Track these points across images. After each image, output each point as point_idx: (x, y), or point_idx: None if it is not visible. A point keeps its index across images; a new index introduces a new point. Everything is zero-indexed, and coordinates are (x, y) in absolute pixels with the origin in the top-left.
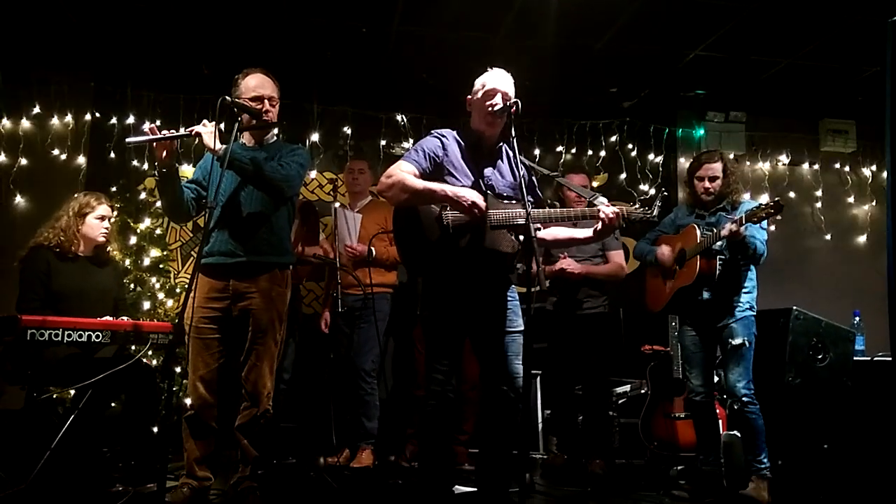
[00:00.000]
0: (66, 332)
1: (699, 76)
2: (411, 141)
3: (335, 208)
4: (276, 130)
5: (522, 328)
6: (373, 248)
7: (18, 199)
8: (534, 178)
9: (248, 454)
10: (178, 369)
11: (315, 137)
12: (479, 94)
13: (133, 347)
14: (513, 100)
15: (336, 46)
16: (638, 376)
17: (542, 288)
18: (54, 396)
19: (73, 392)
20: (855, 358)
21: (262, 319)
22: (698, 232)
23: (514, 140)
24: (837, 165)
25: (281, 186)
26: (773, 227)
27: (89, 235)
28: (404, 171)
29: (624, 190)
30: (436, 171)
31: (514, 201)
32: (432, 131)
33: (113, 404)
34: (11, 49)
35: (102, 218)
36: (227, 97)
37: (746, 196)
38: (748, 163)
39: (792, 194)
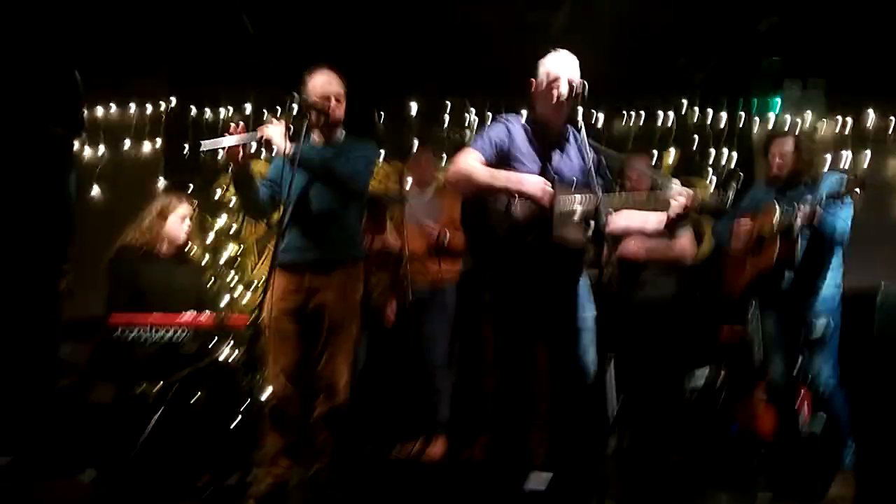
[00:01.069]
0: (152, 329)
1: (774, 43)
2: (476, 126)
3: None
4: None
5: (594, 314)
6: (440, 233)
7: (99, 196)
8: (603, 159)
9: (326, 445)
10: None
11: (380, 127)
12: (543, 83)
13: (215, 342)
14: (578, 83)
15: (397, 35)
16: (716, 361)
17: (612, 284)
18: (141, 390)
19: (159, 385)
20: None
21: (336, 313)
22: (777, 211)
23: (582, 123)
24: None
25: (349, 183)
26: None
27: (171, 235)
28: (470, 161)
29: (697, 165)
30: (502, 158)
31: (584, 186)
32: (497, 117)
33: (197, 395)
34: (91, 46)
35: (183, 218)
36: (296, 96)
37: (827, 166)
38: (829, 127)
39: (878, 159)
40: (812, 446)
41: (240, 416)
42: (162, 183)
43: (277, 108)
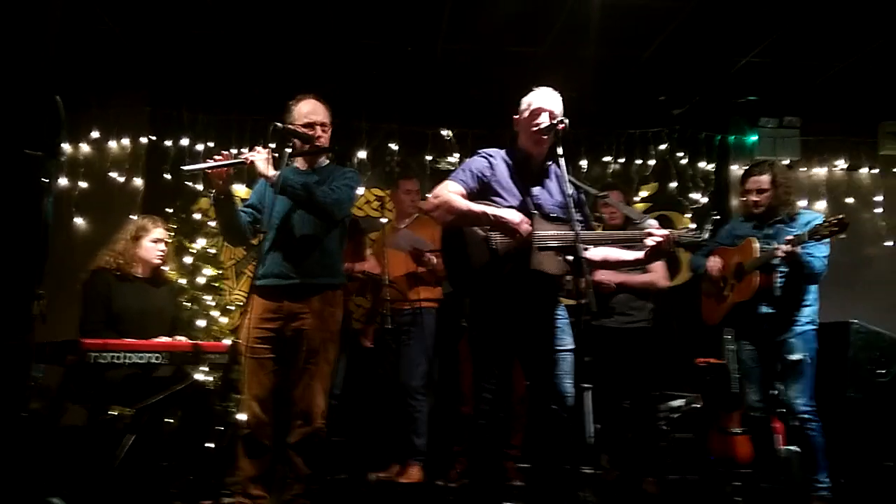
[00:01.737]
0: (126, 355)
1: (751, 82)
2: (458, 156)
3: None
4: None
5: (572, 346)
6: (434, 258)
7: (79, 221)
8: (582, 196)
9: (301, 472)
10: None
11: (363, 154)
12: (526, 114)
13: (189, 367)
14: (560, 118)
15: (383, 65)
16: (692, 391)
17: (592, 310)
18: (114, 413)
19: (132, 410)
20: None
21: (314, 339)
22: (757, 245)
23: (562, 159)
24: None
25: (331, 210)
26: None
27: (145, 258)
28: (451, 192)
29: (674, 199)
30: (483, 190)
31: (562, 221)
32: (479, 151)
33: (170, 421)
34: (70, 74)
35: (157, 241)
36: (280, 123)
37: (803, 204)
38: (803, 169)
39: (850, 200)
40: (787, 475)
41: (213, 443)
42: (142, 206)
43: (262, 134)
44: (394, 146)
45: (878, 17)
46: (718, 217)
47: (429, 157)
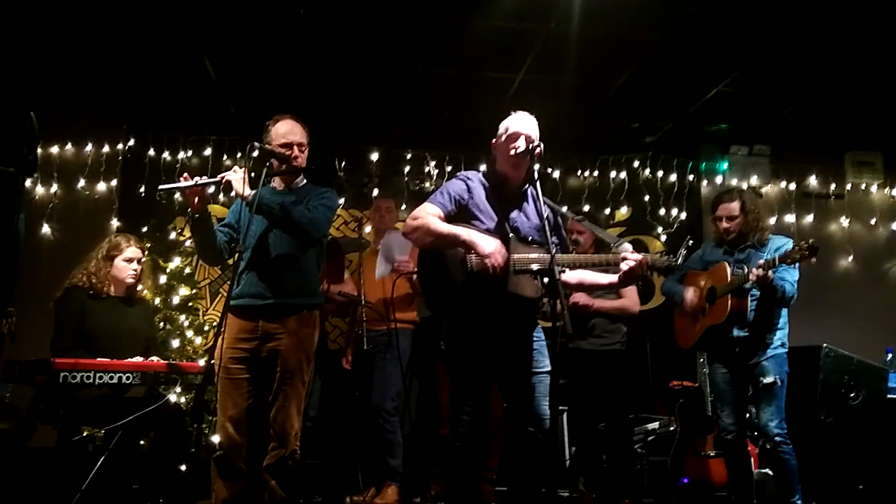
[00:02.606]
0: (98, 374)
1: (722, 111)
2: (435, 178)
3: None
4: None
5: (549, 369)
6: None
7: (51, 237)
8: (559, 219)
9: (275, 495)
10: (207, 409)
11: (340, 175)
12: (503, 138)
13: (163, 387)
14: (536, 142)
15: (362, 87)
16: (667, 413)
17: (568, 331)
18: (85, 434)
19: (104, 431)
20: (889, 395)
21: (290, 360)
22: (729, 270)
23: (539, 183)
24: (865, 196)
25: (308, 230)
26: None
27: (118, 277)
28: (430, 214)
29: (647, 224)
30: (461, 213)
31: (538, 245)
32: (458, 174)
33: (142, 442)
34: (47, 90)
35: (130, 260)
36: (257, 143)
37: (772, 224)
38: (773, 195)
39: (818, 225)
40: (761, 497)
41: (186, 465)
42: (116, 224)
43: (238, 153)
44: (371, 168)
45: (845, 50)
46: (692, 242)
47: (406, 179)
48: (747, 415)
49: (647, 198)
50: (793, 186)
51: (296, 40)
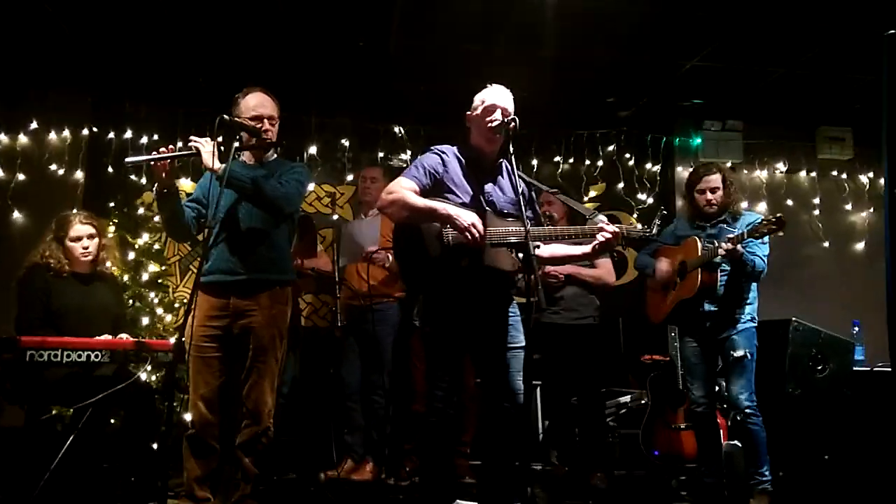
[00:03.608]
0: (66, 353)
1: (696, 86)
2: (410, 153)
3: (347, 224)
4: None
5: (523, 344)
6: (389, 255)
7: (16, 215)
8: (533, 193)
9: (248, 472)
10: (178, 387)
11: (313, 150)
12: (479, 111)
13: (132, 365)
14: (511, 116)
15: (334, 59)
16: (638, 387)
17: (542, 306)
18: (53, 413)
19: (72, 410)
20: (855, 368)
21: (262, 337)
22: (699, 245)
23: (513, 156)
24: (835, 173)
25: (280, 204)
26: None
27: (72, 256)
28: (405, 188)
29: (621, 199)
30: (436, 186)
31: (514, 218)
32: (432, 147)
33: (112, 421)
34: (8, 65)
35: (79, 238)
36: (227, 115)
37: (745, 205)
38: (745, 171)
39: (789, 202)
40: (730, 469)
41: (157, 443)
42: (84, 203)
43: (207, 128)
44: (345, 142)
45: (817, 25)
46: (666, 213)
47: (381, 154)
48: (717, 388)
49: (620, 173)
50: (764, 161)
51: (267, 9)
